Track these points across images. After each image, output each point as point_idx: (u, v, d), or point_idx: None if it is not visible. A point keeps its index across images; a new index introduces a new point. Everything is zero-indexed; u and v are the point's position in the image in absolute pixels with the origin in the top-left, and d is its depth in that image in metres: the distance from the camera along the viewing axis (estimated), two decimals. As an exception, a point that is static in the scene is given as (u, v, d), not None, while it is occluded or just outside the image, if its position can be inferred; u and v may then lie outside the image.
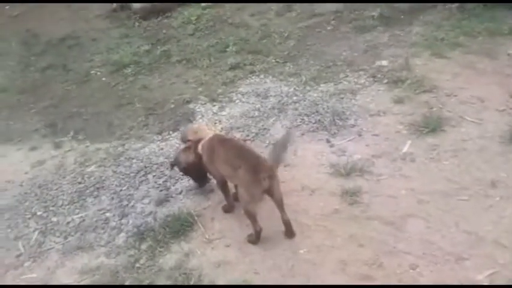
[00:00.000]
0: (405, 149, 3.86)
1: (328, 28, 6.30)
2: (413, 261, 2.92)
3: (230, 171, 3.07)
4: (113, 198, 3.90)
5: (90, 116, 5.22)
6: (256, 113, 4.72)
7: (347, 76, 5.11)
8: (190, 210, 3.61)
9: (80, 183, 4.13)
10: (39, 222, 3.77)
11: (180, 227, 3.47)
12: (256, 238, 3.18)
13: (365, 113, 4.44)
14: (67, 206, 3.88)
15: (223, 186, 3.41)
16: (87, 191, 4.02)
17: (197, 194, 3.81)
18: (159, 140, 4.63)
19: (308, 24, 6.51)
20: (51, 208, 3.90)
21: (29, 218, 3.83)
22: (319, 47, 5.88)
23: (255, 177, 2.89)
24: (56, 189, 4.11)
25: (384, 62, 5.21)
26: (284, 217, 3.13)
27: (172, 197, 3.83)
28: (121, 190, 3.98)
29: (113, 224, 3.63)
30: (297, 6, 7.05)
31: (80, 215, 3.77)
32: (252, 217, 3.07)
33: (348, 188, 3.53)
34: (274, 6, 7.20)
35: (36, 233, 3.67)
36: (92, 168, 4.32)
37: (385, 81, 4.87)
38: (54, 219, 3.77)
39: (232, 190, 3.50)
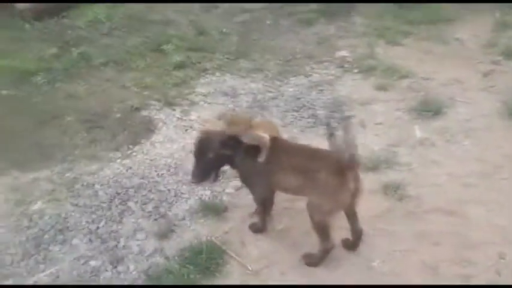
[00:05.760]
0: (419, 135, 3.62)
1: (268, 23, 5.88)
2: (499, 250, 2.62)
3: (300, 179, 2.37)
4: (90, 240, 2.81)
5: (5, 137, 3.86)
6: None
7: (313, 68, 4.76)
8: (210, 238, 2.78)
9: (28, 227, 2.91)
10: (-19, 294, 2.50)
11: (206, 261, 2.62)
12: (321, 258, 2.53)
13: (354, 102, 4.11)
14: (22, 263, 2.67)
15: (266, 201, 2.68)
16: (46, 236, 2.84)
17: (206, 216, 2.98)
18: (119, 158, 3.61)
19: (244, 20, 6.01)
20: (-6, 270, 2.64)
21: (-39, 292, 2.52)
22: (267, 41, 5.42)
23: (343, 180, 2.26)
24: (-8, 241, 2.83)
25: (344, 52, 4.99)
26: (358, 226, 2.55)
27: (175, 225, 2.92)
28: (97, 228, 2.91)
29: (108, 274, 2.59)
30: (222, 1, 6.49)
31: (49, 271, 2.61)
32: (326, 232, 2.42)
33: (387, 182, 3.12)
34: (197, 2, 6.54)
35: (-16, 311, 2.42)
36: (39, 205, 3.11)
37: (356, 70, 4.64)
38: (10, 281, 2.54)
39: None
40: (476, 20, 5.43)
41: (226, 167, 2.75)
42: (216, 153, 2.46)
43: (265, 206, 2.70)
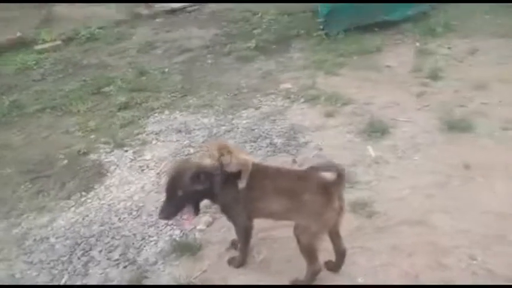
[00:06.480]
0: (373, 154, 3.79)
1: (209, 61, 5.96)
2: (469, 253, 2.76)
3: (285, 202, 2.34)
4: (54, 299, 2.53)
5: None
6: (192, 150, 3.96)
7: (261, 101, 4.85)
8: (188, 280, 2.63)
9: (-23, 294, 2.56)
10: None
11: (188, 304, 2.47)
12: (309, 282, 2.49)
13: (306, 129, 4.23)
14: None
15: (248, 232, 2.60)
16: (0, 301, 2.52)
17: (180, 257, 2.83)
18: (72, 206, 3.36)
19: (184, 60, 6.05)
20: None
21: None
22: (211, 78, 5.47)
23: (329, 200, 2.27)
24: None
25: (288, 85, 5.17)
26: (342, 247, 2.56)
27: (147, 270, 2.74)
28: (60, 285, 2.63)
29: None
30: (159, 43, 6.52)
31: None
32: (314, 254, 2.40)
33: (353, 201, 3.19)
34: (132, 45, 6.49)
35: None
36: (-14, 266, 2.76)
37: (302, 100, 4.80)
38: None
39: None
40: (399, 49, 5.92)
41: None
42: (187, 191, 2.36)
43: (247, 236, 2.62)
